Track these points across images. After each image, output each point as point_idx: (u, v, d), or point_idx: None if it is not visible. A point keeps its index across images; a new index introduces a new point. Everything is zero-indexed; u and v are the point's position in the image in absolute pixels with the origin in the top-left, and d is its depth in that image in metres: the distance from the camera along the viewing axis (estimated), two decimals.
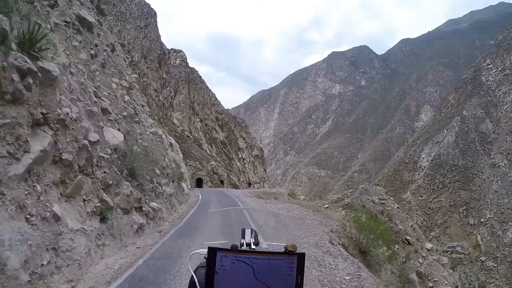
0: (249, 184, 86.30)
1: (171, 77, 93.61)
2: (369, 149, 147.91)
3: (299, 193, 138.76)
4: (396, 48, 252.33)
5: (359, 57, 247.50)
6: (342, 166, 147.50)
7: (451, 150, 65.10)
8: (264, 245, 1.80)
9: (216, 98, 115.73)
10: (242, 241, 1.79)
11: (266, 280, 1.32)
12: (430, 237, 53.62)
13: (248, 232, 1.85)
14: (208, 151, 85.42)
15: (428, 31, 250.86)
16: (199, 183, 68.39)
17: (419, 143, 75.53)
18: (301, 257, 1.37)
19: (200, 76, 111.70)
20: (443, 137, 68.18)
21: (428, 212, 59.03)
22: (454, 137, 66.80)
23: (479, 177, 60.11)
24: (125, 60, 24.82)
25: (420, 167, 67.25)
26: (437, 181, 61.84)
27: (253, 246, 1.77)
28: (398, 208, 23.42)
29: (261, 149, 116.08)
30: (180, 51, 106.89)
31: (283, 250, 1.39)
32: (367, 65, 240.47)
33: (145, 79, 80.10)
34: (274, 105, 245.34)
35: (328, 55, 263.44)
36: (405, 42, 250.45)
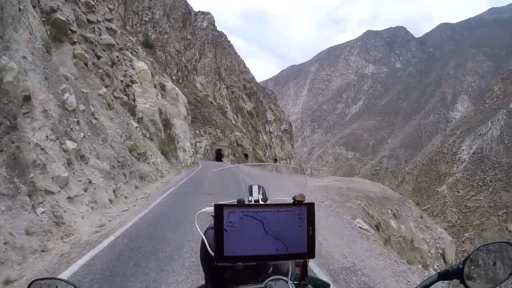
0: (275, 160, 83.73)
1: (196, 39, 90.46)
2: (400, 135, 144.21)
3: (324, 173, 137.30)
4: (435, 32, 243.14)
5: (395, 38, 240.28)
6: (371, 150, 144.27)
7: (495, 145, 61.92)
8: (273, 201, 1.63)
9: (245, 65, 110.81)
10: (250, 198, 1.68)
11: (277, 233, 1.29)
12: (463, 238, 51.19)
13: (255, 188, 1.74)
14: (233, 121, 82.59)
15: (469, 17, 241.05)
16: (218, 155, 64.23)
17: (459, 133, 72.33)
18: (311, 206, 1.34)
19: (229, 41, 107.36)
20: (487, 130, 64.94)
21: (464, 211, 55.88)
22: (499, 131, 63.51)
23: None
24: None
25: (459, 159, 64.33)
26: (477, 177, 58.79)
27: (261, 203, 1.64)
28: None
29: (290, 124, 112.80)
30: (208, 13, 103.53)
31: (291, 201, 1.35)
32: (403, 47, 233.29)
33: (165, 36, 77.44)
34: (304, 81, 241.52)
35: (363, 33, 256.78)
36: (444, 26, 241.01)
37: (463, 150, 65.09)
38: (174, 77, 73.74)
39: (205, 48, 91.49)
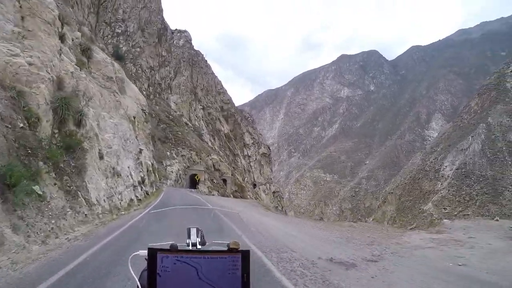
0: (254, 185, 79.70)
1: (172, 56, 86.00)
2: (377, 155, 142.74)
3: (303, 197, 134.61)
4: (406, 55, 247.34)
5: (369, 61, 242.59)
6: (349, 172, 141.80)
7: (477, 159, 59.92)
8: (211, 245, 1.76)
9: (222, 86, 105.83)
10: (188, 241, 1.75)
11: (211, 280, 1.29)
12: None
13: (193, 231, 1.79)
14: (210, 143, 77.93)
15: (439, 39, 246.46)
16: (193, 182, 57.26)
17: (440, 150, 70.40)
18: (246, 254, 1.35)
19: (206, 60, 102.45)
20: (468, 145, 63.09)
21: None
22: (480, 145, 61.71)
23: (509, 190, 54.77)
24: None
25: (442, 176, 61.92)
26: (463, 192, 56.25)
27: (199, 246, 1.73)
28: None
29: (269, 148, 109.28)
30: (185, 31, 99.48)
31: (226, 248, 1.37)
32: (376, 70, 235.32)
33: (138, 49, 73.20)
34: (280, 105, 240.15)
35: (337, 57, 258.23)
36: (415, 49, 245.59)
37: (445, 166, 62.96)
38: (144, 92, 68.35)
39: (181, 66, 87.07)
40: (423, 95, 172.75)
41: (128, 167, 22.87)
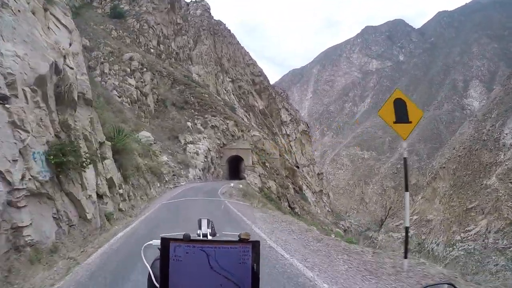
0: (297, 167, 73.61)
1: (189, 25, 76.81)
2: (416, 128, 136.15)
3: (340, 177, 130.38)
4: (433, 21, 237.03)
5: (395, 31, 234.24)
6: (388, 147, 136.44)
7: None
8: (221, 236, 1.85)
9: (251, 57, 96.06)
10: (198, 232, 1.83)
11: (221, 270, 1.33)
12: None
13: (204, 222, 1.86)
14: (246, 119, 68.91)
15: (466, 3, 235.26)
16: (234, 168, 45.70)
17: (494, 116, 65.24)
18: (256, 244, 1.39)
19: (229, 30, 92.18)
20: None
21: None
22: None
23: None
24: None
25: (504, 145, 56.93)
26: None
27: (210, 237, 1.79)
28: None
29: (307, 124, 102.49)
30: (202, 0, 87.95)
31: (237, 239, 1.41)
32: (404, 39, 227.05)
33: (145, 16, 63.16)
34: (307, 84, 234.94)
35: (362, 30, 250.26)
36: (442, 14, 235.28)
37: (506, 134, 57.83)
38: (153, 50, 59.88)
39: (201, 35, 78.09)
40: (456, 62, 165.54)
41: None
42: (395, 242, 65.96)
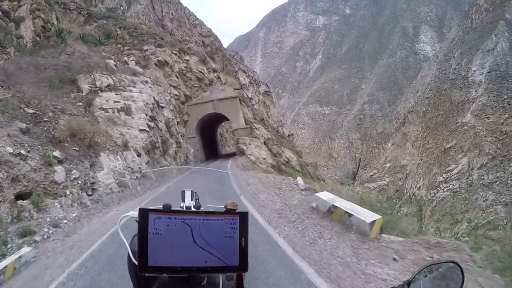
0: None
1: None
2: (372, 78, 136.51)
3: (304, 136, 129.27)
4: None
5: None
6: (347, 100, 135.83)
7: (510, 59, 54.62)
8: (206, 209, 1.59)
9: (196, 17, 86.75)
10: (182, 205, 1.67)
11: (207, 244, 1.23)
12: (511, 168, 43.37)
13: (188, 194, 1.72)
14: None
15: None
16: (212, 142, 36.45)
17: (458, 55, 64.81)
18: (244, 216, 1.29)
19: None
20: (494, 45, 57.53)
21: (500, 138, 48.05)
22: (508, 43, 56.33)
23: None
24: None
25: (473, 82, 56.52)
26: (505, 96, 50.99)
27: (193, 210, 1.63)
28: None
29: (267, 85, 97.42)
30: None
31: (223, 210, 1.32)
32: None
33: None
34: (255, 49, 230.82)
35: None
36: None
37: (474, 71, 57.51)
38: (76, 20, 45.31)
39: None
40: (404, 9, 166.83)
41: None
42: (371, 192, 65.66)
